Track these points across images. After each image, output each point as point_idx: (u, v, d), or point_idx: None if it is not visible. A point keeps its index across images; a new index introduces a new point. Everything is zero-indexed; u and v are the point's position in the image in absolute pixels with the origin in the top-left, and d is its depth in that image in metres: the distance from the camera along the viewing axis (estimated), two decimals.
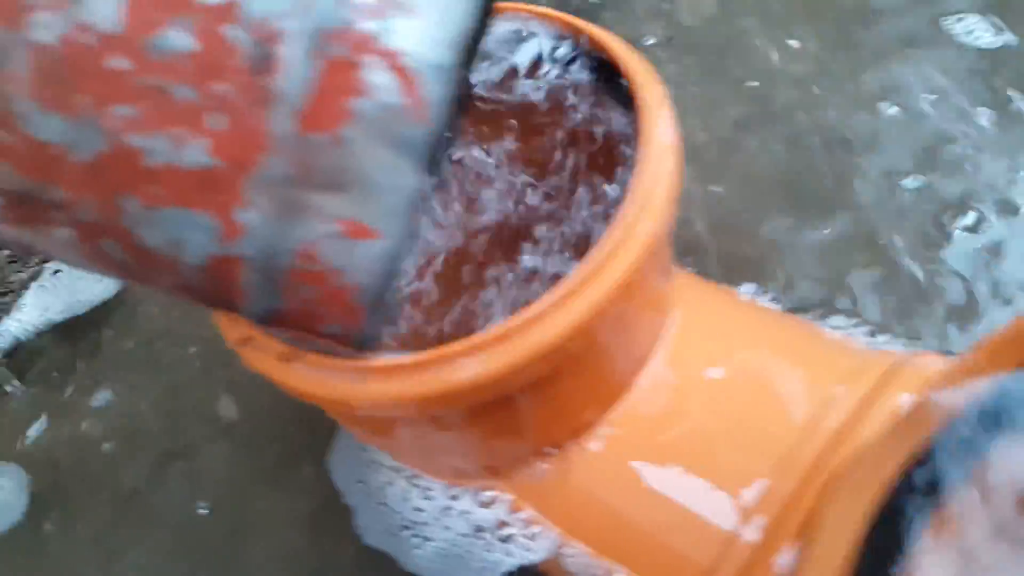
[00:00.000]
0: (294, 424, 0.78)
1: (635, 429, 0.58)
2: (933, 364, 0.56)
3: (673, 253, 0.61)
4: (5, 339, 0.79)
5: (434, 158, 0.50)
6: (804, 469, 0.52)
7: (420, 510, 0.61)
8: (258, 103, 0.29)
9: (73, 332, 0.83)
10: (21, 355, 0.82)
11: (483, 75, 0.55)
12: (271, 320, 0.36)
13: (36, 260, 0.80)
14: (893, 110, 0.86)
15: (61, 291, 0.81)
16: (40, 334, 0.81)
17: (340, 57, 0.28)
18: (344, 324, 0.35)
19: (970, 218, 0.77)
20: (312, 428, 0.76)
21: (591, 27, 0.53)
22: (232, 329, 0.49)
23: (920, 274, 0.74)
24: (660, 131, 0.48)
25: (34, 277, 0.80)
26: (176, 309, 0.83)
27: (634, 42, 0.94)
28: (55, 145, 0.30)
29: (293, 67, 0.28)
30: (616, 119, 0.52)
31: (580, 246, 0.54)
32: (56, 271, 0.82)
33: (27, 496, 0.76)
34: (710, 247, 0.78)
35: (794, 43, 0.91)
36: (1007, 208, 0.78)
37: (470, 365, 0.45)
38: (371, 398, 0.46)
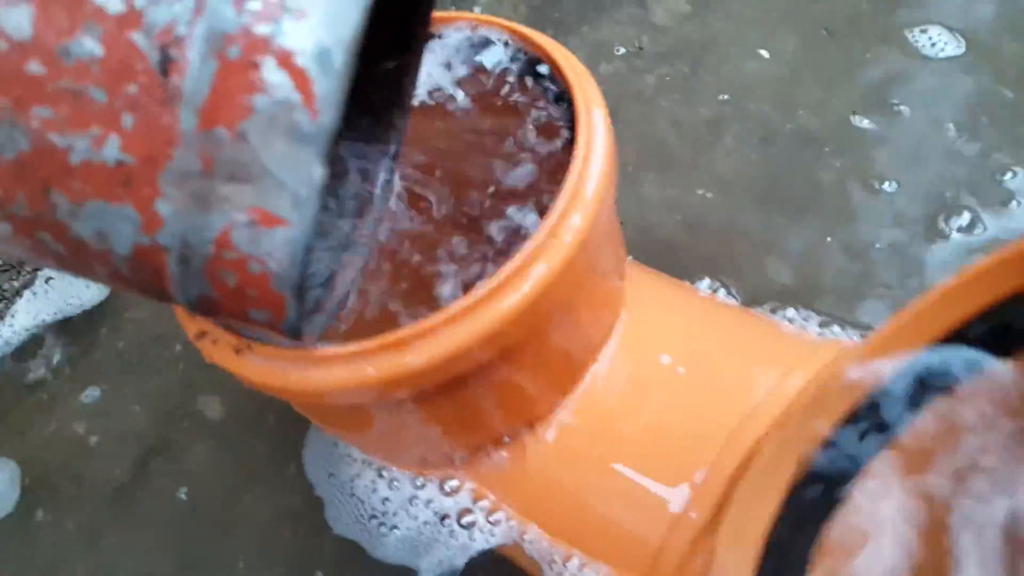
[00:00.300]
0: (277, 423, 0.80)
1: (589, 417, 0.59)
2: None
3: (626, 250, 0.63)
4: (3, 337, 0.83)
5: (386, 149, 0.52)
6: (746, 451, 0.54)
7: (387, 500, 0.63)
8: (164, 102, 0.31)
9: (64, 335, 0.86)
10: (14, 358, 0.85)
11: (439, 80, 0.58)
12: (204, 307, 0.38)
13: (28, 269, 0.84)
14: (866, 119, 0.87)
15: (53, 298, 0.85)
16: (32, 338, 0.85)
17: (237, 58, 0.30)
18: (270, 310, 0.37)
19: (953, 221, 0.78)
20: (294, 427, 0.78)
21: (533, 33, 0.55)
22: (190, 323, 0.52)
23: (892, 274, 0.75)
24: (593, 131, 0.50)
25: (26, 285, 0.84)
26: (163, 313, 0.86)
27: (606, 53, 0.96)
28: None
29: (194, 68, 0.30)
30: (559, 123, 0.54)
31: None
32: (48, 279, 0.86)
33: (19, 488, 0.79)
34: (676, 247, 0.80)
35: (764, 52, 0.92)
36: (988, 207, 0.79)
37: (413, 352, 0.47)
38: (320, 386, 0.48)
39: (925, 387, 0.39)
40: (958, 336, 0.39)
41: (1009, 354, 0.38)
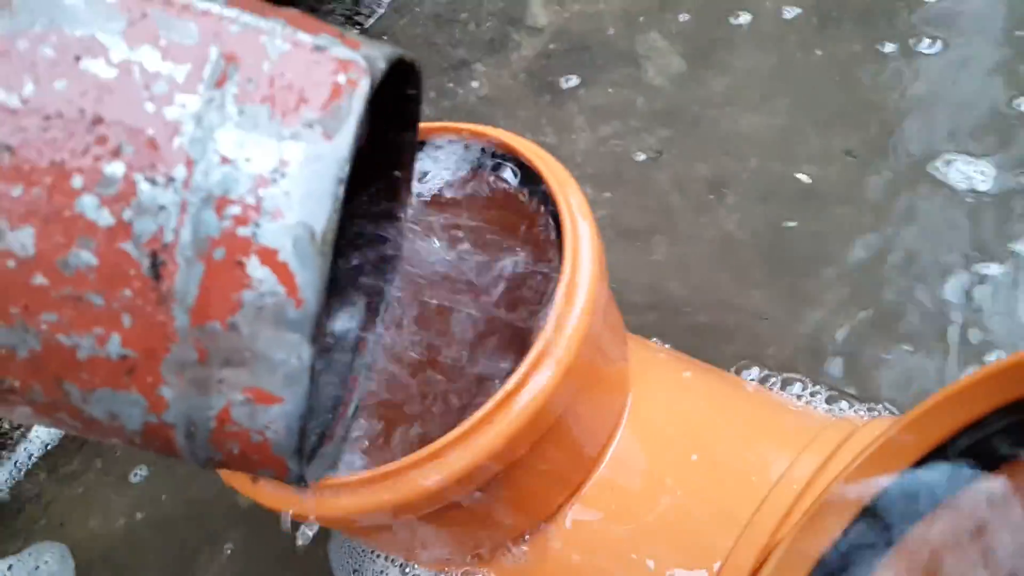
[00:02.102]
0: None
1: (605, 508, 0.60)
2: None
3: (626, 327, 0.64)
4: (35, 445, 0.88)
5: (372, 301, 0.53)
6: (763, 541, 0.54)
7: None
8: (158, 303, 0.33)
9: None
10: (53, 457, 0.89)
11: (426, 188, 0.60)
12: (214, 466, 0.40)
13: None
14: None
15: None
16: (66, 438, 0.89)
17: (222, 259, 0.32)
18: (274, 469, 0.39)
19: (951, 283, 0.77)
20: None
21: (521, 143, 0.57)
22: None
23: (894, 341, 0.74)
24: (580, 240, 0.51)
25: None
26: None
27: (625, 157, 0.96)
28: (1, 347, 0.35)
29: (183, 271, 0.32)
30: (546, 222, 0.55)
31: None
32: None
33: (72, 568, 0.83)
34: (684, 314, 0.80)
35: (763, 107, 0.92)
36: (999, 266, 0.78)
37: (424, 475, 0.49)
38: (334, 512, 0.49)
39: (922, 498, 0.40)
40: (951, 445, 0.39)
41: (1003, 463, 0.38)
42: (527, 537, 0.60)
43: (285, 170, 0.33)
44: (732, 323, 0.78)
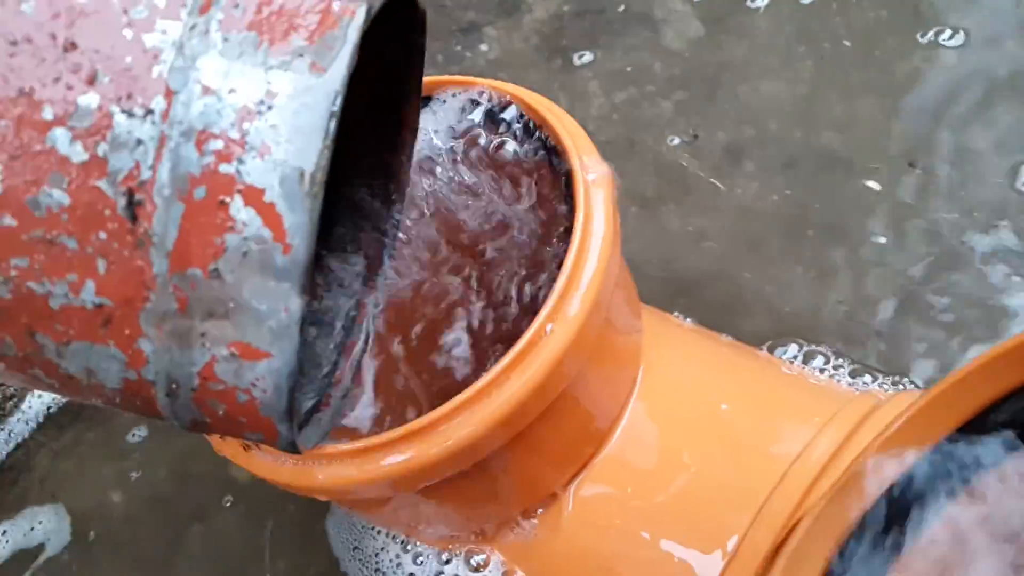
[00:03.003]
0: None
1: (616, 485, 0.58)
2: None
3: (642, 299, 0.61)
4: (29, 415, 0.86)
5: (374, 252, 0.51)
6: (781, 520, 0.51)
7: None
8: (135, 247, 0.30)
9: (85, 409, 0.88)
10: (49, 424, 0.88)
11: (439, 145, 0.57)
12: (199, 429, 0.38)
13: None
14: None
15: None
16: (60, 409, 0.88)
17: (203, 198, 0.30)
18: (262, 432, 0.36)
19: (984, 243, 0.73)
20: None
21: (531, 96, 0.54)
22: None
23: (918, 313, 0.71)
24: (593, 198, 0.48)
25: None
26: None
27: (659, 143, 0.92)
28: None
29: (161, 211, 0.30)
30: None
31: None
32: None
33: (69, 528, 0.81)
34: (701, 285, 0.77)
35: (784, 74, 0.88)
36: None
37: (425, 445, 0.46)
38: (329, 483, 0.47)
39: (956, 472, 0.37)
40: (982, 418, 0.37)
41: None
42: (533, 514, 0.58)
43: (272, 102, 0.30)
44: (752, 296, 0.75)
